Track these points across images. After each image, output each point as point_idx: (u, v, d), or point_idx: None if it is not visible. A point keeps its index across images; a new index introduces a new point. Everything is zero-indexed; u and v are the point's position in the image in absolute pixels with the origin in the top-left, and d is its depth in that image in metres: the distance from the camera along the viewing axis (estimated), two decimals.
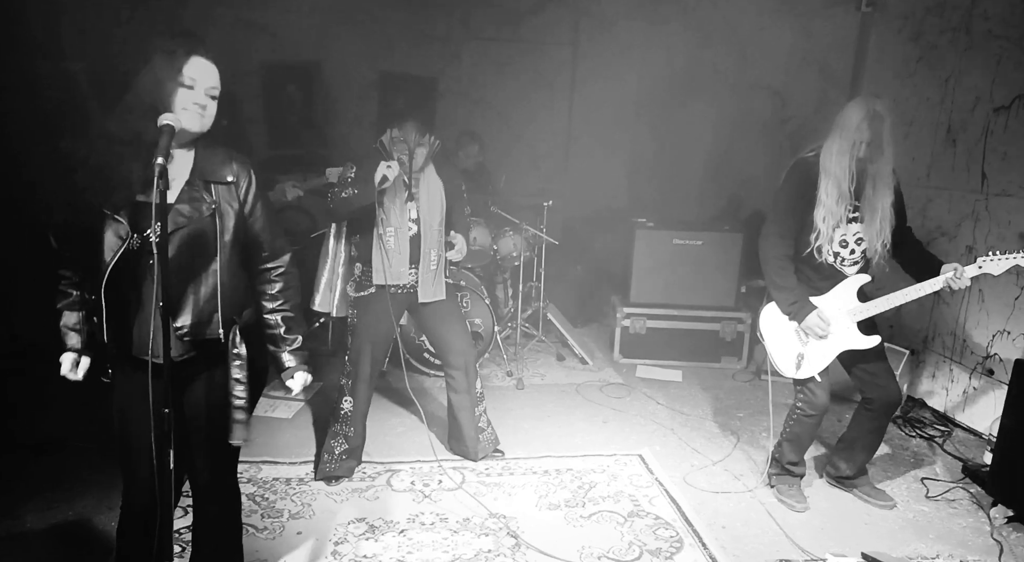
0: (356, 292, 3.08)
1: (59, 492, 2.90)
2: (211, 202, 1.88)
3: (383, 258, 2.98)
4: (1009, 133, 3.80)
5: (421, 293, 3.07)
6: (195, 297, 1.87)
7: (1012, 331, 3.75)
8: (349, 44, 6.27)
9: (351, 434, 3.15)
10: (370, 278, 3.03)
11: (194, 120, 1.82)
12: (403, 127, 3.05)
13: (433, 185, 3.09)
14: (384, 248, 2.97)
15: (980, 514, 3.11)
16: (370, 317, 3.05)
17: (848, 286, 2.93)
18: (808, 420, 3.05)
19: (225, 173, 1.93)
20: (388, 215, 2.98)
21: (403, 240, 3.01)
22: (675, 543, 2.78)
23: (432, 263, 3.07)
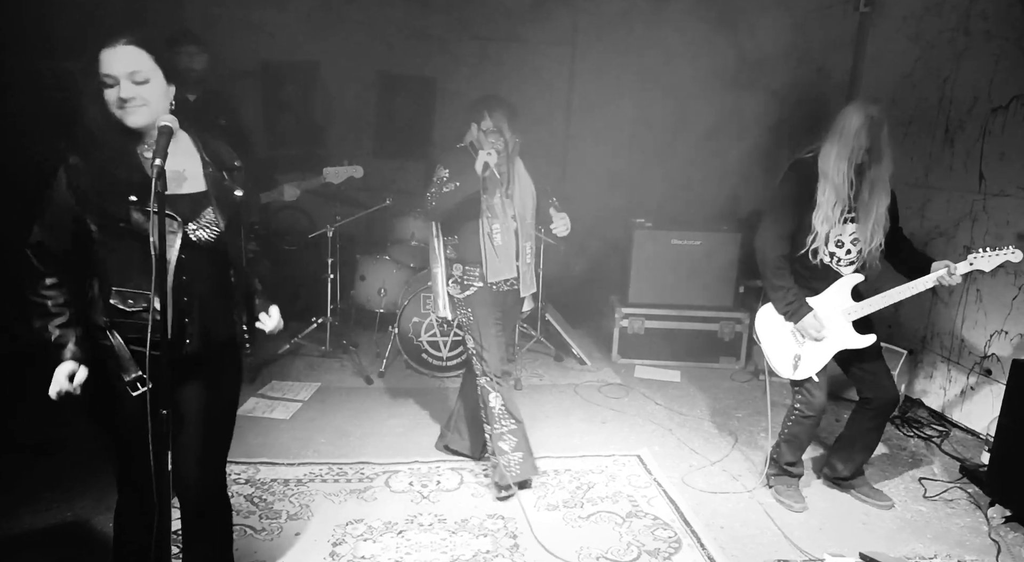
0: (461, 292, 3.07)
1: (58, 493, 2.89)
2: (236, 187, 1.93)
3: (493, 256, 2.99)
4: (1007, 133, 3.80)
5: (522, 287, 3.13)
6: (240, 281, 1.94)
7: (1010, 331, 3.76)
8: (347, 44, 6.26)
9: (513, 426, 3.06)
10: (473, 277, 3.04)
11: (133, 116, 1.74)
12: (494, 115, 2.96)
13: (523, 178, 3.11)
14: (493, 245, 2.98)
15: (978, 514, 3.11)
16: (485, 310, 3.05)
17: (842, 286, 2.94)
18: (806, 421, 3.05)
19: (232, 159, 1.97)
20: (493, 211, 2.98)
21: (508, 235, 3.03)
22: (673, 543, 2.78)
23: (528, 256, 3.13)
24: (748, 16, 5.82)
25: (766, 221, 2.97)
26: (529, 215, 3.11)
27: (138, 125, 1.76)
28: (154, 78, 1.76)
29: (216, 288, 1.91)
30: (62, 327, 1.81)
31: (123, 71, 1.72)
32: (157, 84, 1.77)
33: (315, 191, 4.45)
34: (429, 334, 4.50)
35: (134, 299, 1.80)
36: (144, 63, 1.74)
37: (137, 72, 1.73)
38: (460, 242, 3.07)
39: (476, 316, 3.05)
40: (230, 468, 3.14)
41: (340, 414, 3.88)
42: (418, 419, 3.87)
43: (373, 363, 4.65)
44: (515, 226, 3.05)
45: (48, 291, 1.81)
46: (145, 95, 1.75)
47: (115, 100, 1.73)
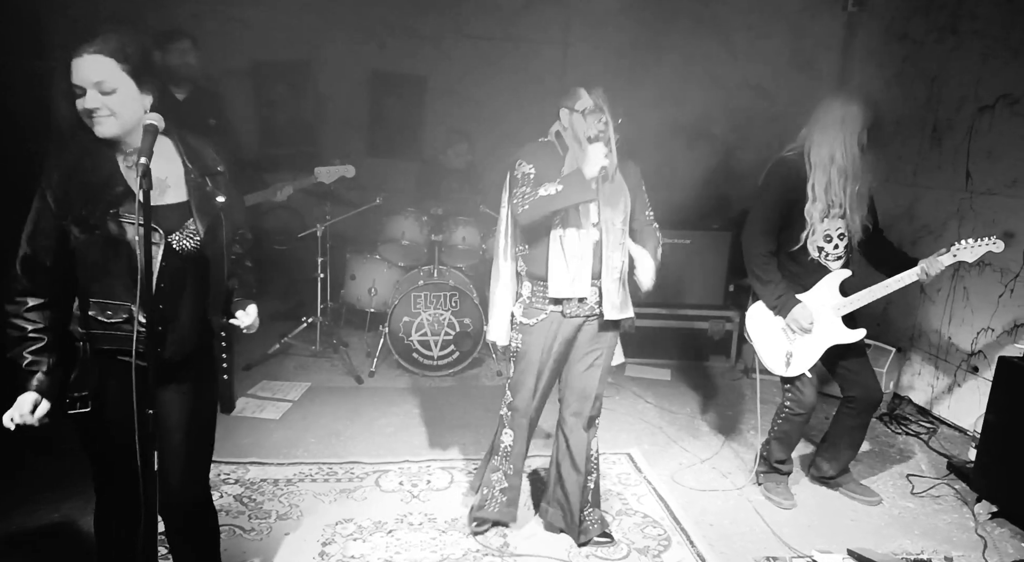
0: (526, 317, 2.56)
1: (45, 494, 2.87)
2: (218, 194, 1.91)
3: (562, 265, 2.45)
4: (994, 132, 3.83)
5: (606, 308, 2.52)
6: (218, 290, 1.91)
7: (996, 328, 3.79)
8: (339, 43, 6.25)
9: (510, 472, 2.72)
10: (543, 296, 2.52)
11: (100, 126, 1.71)
12: (593, 91, 2.43)
13: (615, 177, 2.53)
14: (563, 251, 2.45)
15: (964, 510, 3.14)
16: (540, 341, 2.55)
17: (830, 281, 2.96)
18: (797, 418, 3.07)
19: (215, 163, 1.94)
20: (567, 214, 2.44)
21: (586, 244, 2.46)
22: (663, 541, 2.79)
23: (616, 271, 2.51)
24: (738, 16, 5.85)
25: (751, 218, 2.99)
26: (620, 222, 2.50)
27: (106, 135, 1.73)
28: (122, 88, 1.71)
29: (194, 296, 1.89)
30: (36, 353, 1.75)
31: (89, 81, 1.68)
32: (126, 94, 1.72)
33: (306, 191, 4.44)
34: (420, 333, 4.50)
35: (113, 310, 1.77)
36: (111, 73, 1.69)
37: (103, 82, 1.69)
38: (531, 252, 2.54)
39: (524, 348, 2.59)
40: (219, 468, 3.14)
41: (330, 414, 3.87)
42: (408, 419, 3.87)
43: (363, 363, 4.64)
44: (597, 236, 2.47)
45: (29, 313, 1.76)
46: (112, 105, 1.71)
47: (82, 110, 1.70)
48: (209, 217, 1.87)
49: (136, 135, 1.75)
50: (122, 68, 1.71)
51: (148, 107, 1.78)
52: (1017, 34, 3.70)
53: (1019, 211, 3.66)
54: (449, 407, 4.05)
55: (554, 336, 2.55)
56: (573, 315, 2.54)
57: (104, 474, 1.93)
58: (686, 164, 6.24)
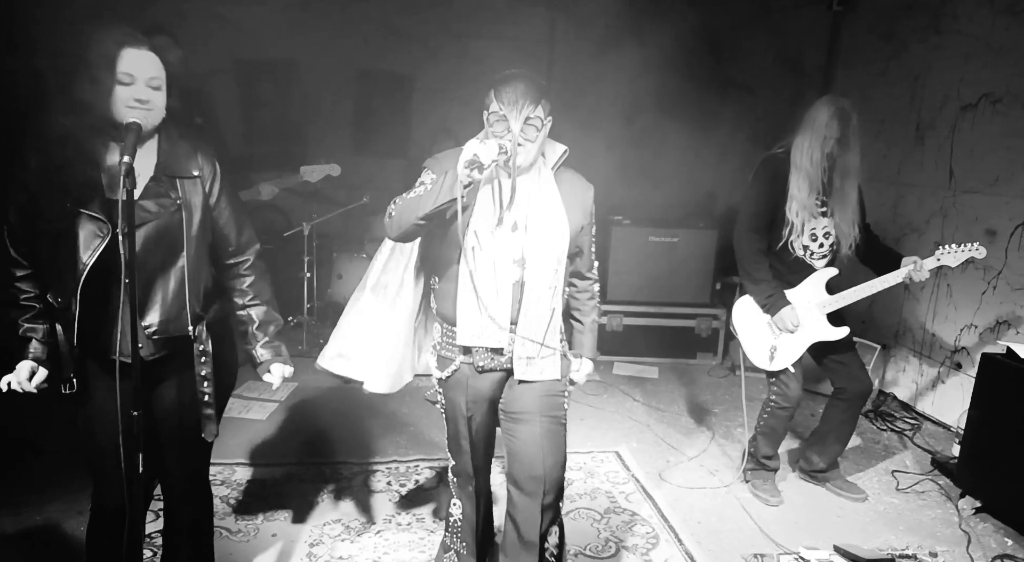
0: (439, 368, 2.11)
1: (28, 497, 2.84)
2: (176, 197, 1.84)
3: (471, 303, 1.94)
4: (976, 131, 3.87)
5: (517, 366, 2.02)
6: (163, 294, 1.84)
7: (979, 325, 3.83)
8: (325, 41, 6.21)
9: (463, 552, 2.30)
10: (452, 343, 2.05)
11: (140, 117, 1.74)
12: (502, 93, 1.88)
13: (551, 202, 1.99)
14: (476, 293, 1.93)
15: (948, 505, 3.17)
16: (458, 397, 2.11)
17: (817, 279, 2.99)
18: (782, 412, 3.09)
19: (190, 167, 1.89)
20: (481, 242, 1.93)
21: (503, 283, 1.95)
22: (651, 539, 2.80)
23: (540, 321, 2.00)
24: (724, 15, 5.87)
25: (741, 217, 3.01)
26: (553, 259, 1.98)
27: (146, 127, 1.75)
28: (163, 88, 1.80)
29: (160, 294, 1.85)
30: (29, 320, 1.84)
31: (144, 73, 1.74)
32: (164, 94, 1.80)
33: (292, 190, 4.41)
34: None
35: (63, 297, 1.80)
36: (160, 71, 1.79)
37: (155, 78, 1.77)
38: (441, 287, 2.06)
39: (448, 405, 2.14)
40: None
41: (317, 414, 3.85)
42: (396, 418, 3.86)
43: None
44: (519, 274, 1.96)
45: (19, 283, 1.83)
46: (156, 102, 1.78)
47: (128, 98, 1.72)
48: (157, 217, 1.81)
49: None
50: (164, 69, 1.80)
51: (164, 116, 1.83)
52: (999, 34, 3.74)
53: (1001, 209, 3.71)
54: (436, 407, 4.03)
55: (465, 391, 2.07)
56: (487, 368, 2.04)
57: (100, 475, 1.91)
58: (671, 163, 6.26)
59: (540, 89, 1.91)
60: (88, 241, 1.73)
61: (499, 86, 1.90)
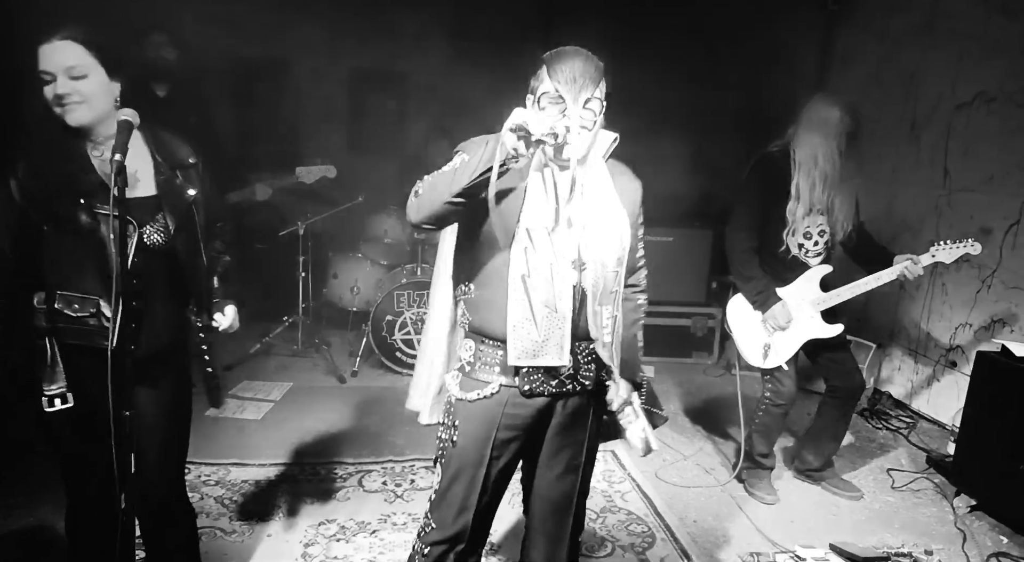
0: (463, 389, 1.73)
1: (19, 498, 2.82)
2: (187, 189, 1.88)
3: (526, 318, 1.63)
4: (971, 130, 3.88)
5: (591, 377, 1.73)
6: (195, 284, 1.90)
7: (974, 323, 3.83)
8: (318, 40, 6.19)
9: None
10: (491, 361, 1.70)
11: (72, 113, 1.68)
12: (557, 70, 1.63)
13: (608, 197, 1.73)
14: (531, 302, 1.63)
15: (944, 503, 3.18)
16: (480, 429, 1.71)
17: (811, 277, 2.99)
18: (776, 410, 3.09)
19: (186, 155, 1.91)
20: (534, 241, 1.63)
21: (562, 290, 1.64)
22: (647, 538, 2.80)
23: (606, 331, 1.70)
24: (718, 14, 5.87)
25: (734, 215, 3.01)
26: (613, 261, 1.71)
27: (78, 123, 1.70)
28: (92, 74, 1.70)
29: (167, 291, 1.87)
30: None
31: (59, 66, 1.67)
32: (96, 80, 1.71)
33: (288, 190, 4.39)
34: (403, 332, 4.47)
35: (80, 304, 1.75)
36: (81, 58, 1.68)
37: (73, 67, 1.67)
38: (478, 295, 1.72)
39: (460, 439, 1.73)
40: (200, 470, 3.10)
41: (312, 414, 3.83)
42: (392, 418, 3.84)
43: (346, 362, 4.61)
44: (576, 278, 1.65)
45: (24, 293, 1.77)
46: (83, 91, 1.69)
47: (52, 97, 1.68)
48: (179, 211, 1.85)
49: (107, 125, 1.73)
50: (91, 54, 1.70)
51: (118, 95, 1.76)
52: (992, 33, 3.75)
53: (996, 207, 3.71)
54: None
55: (498, 423, 1.71)
56: (536, 392, 1.69)
57: (77, 476, 1.89)
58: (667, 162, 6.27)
59: (599, 68, 1.67)
60: (117, 244, 1.69)
61: (554, 63, 1.63)
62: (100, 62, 1.71)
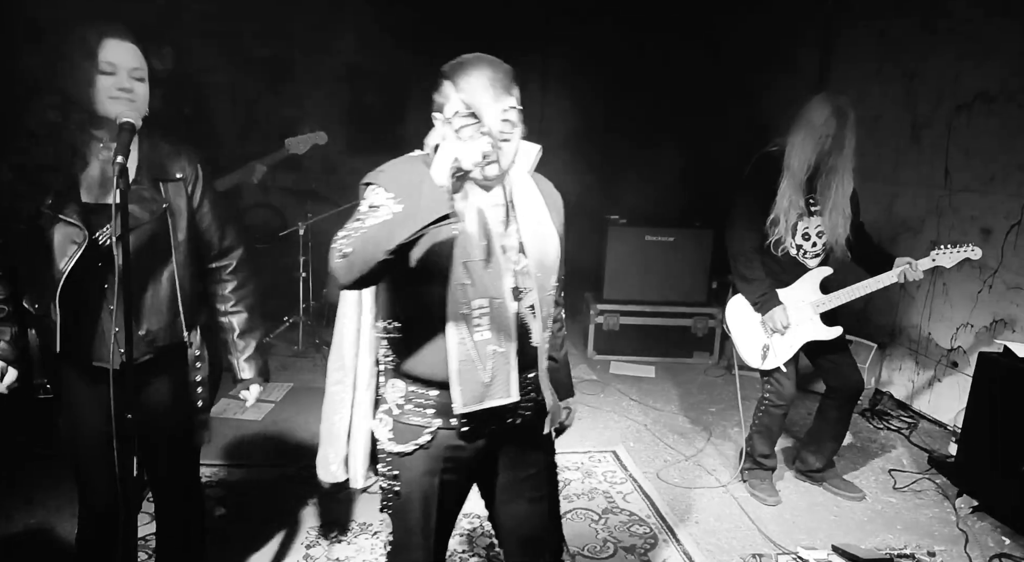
0: (397, 441, 1.59)
1: (18, 501, 2.82)
2: (161, 201, 1.81)
3: (473, 366, 1.50)
4: (971, 130, 3.88)
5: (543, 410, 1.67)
6: (155, 301, 1.81)
7: (975, 324, 3.83)
8: (319, 39, 6.19)
9: None
10: (424, 411, 1.57)
11: (123, 108, 1.69)
12: (464, 82, 1.48)
13: (538, 211, 1.62)
14: (473, 344, 1.49)
15: (946, 504, 3.17)
16: (423, 480, 1.59)
17: (811, 278, 2.99)
18: (776, 410, 3.09)
19: (174, 169, 1.86)
20: (474, 275, 1.49)
21: (503, 321, 1.52)
22: (649, 539, 2.79)
23: (544, 355, 1.64)
24: (719, 13, 5.87)
25: (734, 215, 3.00)
26: (552, 281, 1.63)
27: (125, 117, 1.67)
28: (146, 81, 1.77)
29: (152, 298, 1.82)
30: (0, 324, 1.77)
31: (127, 64, 1.72)
32: (147, 86, 1.77)
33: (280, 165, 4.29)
34: None
35: (39, 303, 1.76)
36: (142, 63, 1.76)
37: (138, 69, 1.74)
38: (406, 335, 1.57)
39: (404, 492, 1.60)
40: (201, 470, 3.07)
41: (313, 415, 3.80)
42: None
43: None
44: (516, 307, 1.54)
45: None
46: (139, 93, 1.74)
47: (110, 87, 1.69)
48: (140, 222, 1.77)
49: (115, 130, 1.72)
50: (145, 61, 1.77)
51: (147, 112, 1.78)
52: (992, 33, 3.74)
53: (996, 208, 3.71)
54: None
55: (440, 468, 1.59)
56: (478, 433, 1.58)
57: (85, 481, 1.89)
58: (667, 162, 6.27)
59: (510, 73, 1.52)
60: (64, 247, 1.70)
61: (458, 74, 1.48)
62: (148, 72, 1.78)
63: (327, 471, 1.72)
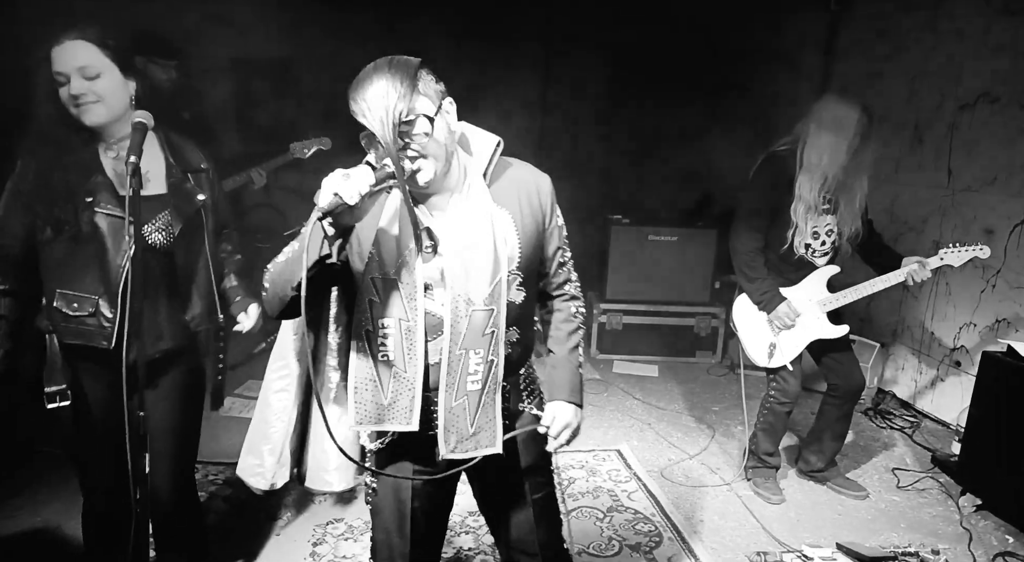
0: (370, 440, 1.63)
1: (25, 499, 2.82)
2: (198, 192, 1.87)
3: (372, 378, 1.48)
4: (974, 130, 3.89)
5: (444, 442, 1.50)
6: (197, 288, 1.88)
7: (978, 323, 3.84)
8: (319, 41, 6.20)
9: None
10: None
11: (88, 113, 1.68)
12: (357, 102, 1.39)
13: (473, 218, 1.48)
14: (375, 359, 1.47)
15: (949, 503, 3.18)
16: (394, 480, 1.62)
17: (818, 277, 3.00)
18: (780, 408, 3.10)
19: (199, 160, 1.92)
20: (380, 290, 1.45)
21: (415, 340, 1.46)
22: (654, 538, 2.80)
23: (472, 381, 1.49)
24: (720, 13, 5.88)
25: (739, 214, 3.00)
26: (482, 293, 1.46)
27: (95, 123, 1.70)
28: (107, 73, 1.70)
29: (169, 292, 1.86)
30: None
31: (72, 67, 1.67)
32: (111, 79, 1.71)
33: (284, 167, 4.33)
34: None
35: (79, 303, 1.75)
36: (94, 57, 1.69)
37: (87, 67, 1.68)
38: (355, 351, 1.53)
39: (380, 488, 1.65)
40: (207, 469, 3.10)
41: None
42: None
43: None
44: (436, 318, 1.47)
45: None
46: (98, 90, 1.69)
47: (67, 97, 1.68)
48: (186, 213, 1.84)
49: (122, 125, 1.73)
50: (104, 53, 1.70)
51: (133, 93, 1.77)
52: (995, 34, 3.75)
53: (999, 208, 3.72)
54: None
55: (412, 470, 1.60)
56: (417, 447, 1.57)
57: (86, 478, 1.90)
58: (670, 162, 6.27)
59: (408, 75, 1.37)
60: (118, 243, 1.71)
61: (353, 91, 1.38)
62: (114, 61, 1.71)
63: (263, 479, 1.80)
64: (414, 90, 1.37)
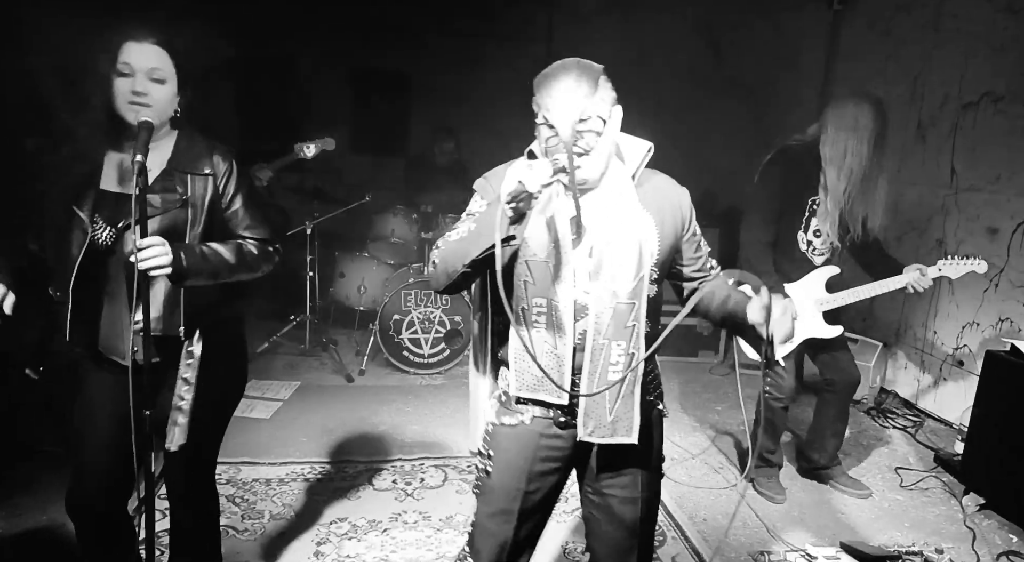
0: (498, 416, 1.69)
1: (29, 498, 2.82)
2: (182, 193, 1.82)
3: (522, 352, 1.58)
4: (977, 129, 3.88)
5: (582, 425, 1.58)
6: (156, 290, 1.80)
7: (981, 323, 3.84)
8: (322, 39, 6.21)
9: None
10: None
11: (141, 112, 1.70)
12: (543, 95, 1.50)
13: (623, 216, 1.58)
14: (530, 335, 1.57)
15: (953, 502, 3.18)
16: (515, 460, 1.65)
17: (818, 276, 3.00)
18: (776, 403, 3.10)
19: (203, 165, 1.87)
20: (533, 272, 1.56)
21: (563, 321, 1.55)
22: (658, 537, 2.80)
23: (613, 371, 1.58)
24: (723, 13, 5.88)
25: (751, 207, 3.00)
26: (626, 288, 1.57)
27: (150, 122, 1.70)
28: (169, 82, 1.76)
29: (155, 287, 1.80)
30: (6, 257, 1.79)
31: (144, 66, 1.72)
32: (169, 88, 1.76)
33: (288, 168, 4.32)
34: (410, 331, 4.48)
35: (61, 291, 1.78)
36: (164, 64, 1.75)
37: (156, 69, 1.73)
38: (504, 328, 1.68)
39: (496, 467, 1.68)
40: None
41: (321, 413, 3.84)
42: (400, 417, 3.85)
43: (353, 361, 4.61)
44: (583, 307, 1.57)
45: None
46: (156, 95, 1.74)
47: (127, 91, 1.70)
48: (166, 213, 1.79)
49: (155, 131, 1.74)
50: (174, 65, 1.76)
51: (177, 107, 1.80)
52: (998, 32, 3.75)
53: (1003, 207, 3.72)
54: (440, 405, 4.03)
55: (534, 452, 1.65)
56: (571, 423, 1.62)
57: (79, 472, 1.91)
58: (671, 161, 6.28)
59: (592, 78, 1.49)
60: (79, 238, 1.74)
61: (540, 86, 1.50)
62: (176, 73, 1.77)
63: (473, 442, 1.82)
64: (595, 92, 1.49)
